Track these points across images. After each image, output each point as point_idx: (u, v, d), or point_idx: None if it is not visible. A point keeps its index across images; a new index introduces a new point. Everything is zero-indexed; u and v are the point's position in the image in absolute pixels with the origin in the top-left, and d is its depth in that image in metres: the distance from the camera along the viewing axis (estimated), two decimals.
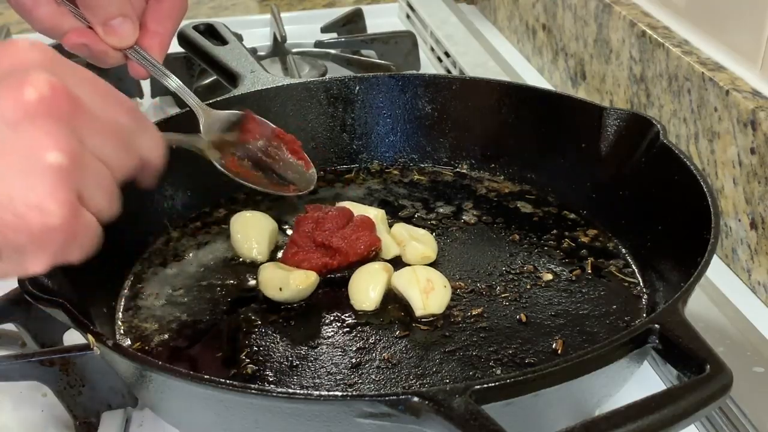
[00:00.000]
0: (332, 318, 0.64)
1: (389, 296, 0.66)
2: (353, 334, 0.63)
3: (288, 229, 0.74)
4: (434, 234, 0.73)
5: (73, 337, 0.65)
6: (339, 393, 0.55)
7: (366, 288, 0.66)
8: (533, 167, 0.80)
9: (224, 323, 0.65)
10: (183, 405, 0.54)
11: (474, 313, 0.64)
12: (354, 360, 0.60)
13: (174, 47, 0.88)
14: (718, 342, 0.64)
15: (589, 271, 0.69)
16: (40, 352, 0.60)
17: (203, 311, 0.66)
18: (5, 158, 0.41)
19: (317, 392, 0.52)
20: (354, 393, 0.56)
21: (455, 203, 0.79)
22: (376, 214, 0.72)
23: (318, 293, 0.67)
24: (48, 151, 0.41)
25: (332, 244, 0.67)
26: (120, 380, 0.58)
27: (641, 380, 0.64)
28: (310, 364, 0.60)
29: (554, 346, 0.60)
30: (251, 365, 0.60)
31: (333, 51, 1.16)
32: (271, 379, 0.59)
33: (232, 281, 0.69)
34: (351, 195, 0.80)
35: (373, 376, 0.58)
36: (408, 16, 1.35)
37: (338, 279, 0.68)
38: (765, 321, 0.69)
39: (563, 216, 0.76)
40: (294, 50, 1.17)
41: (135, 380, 0.53)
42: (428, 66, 1.21)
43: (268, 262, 0.69)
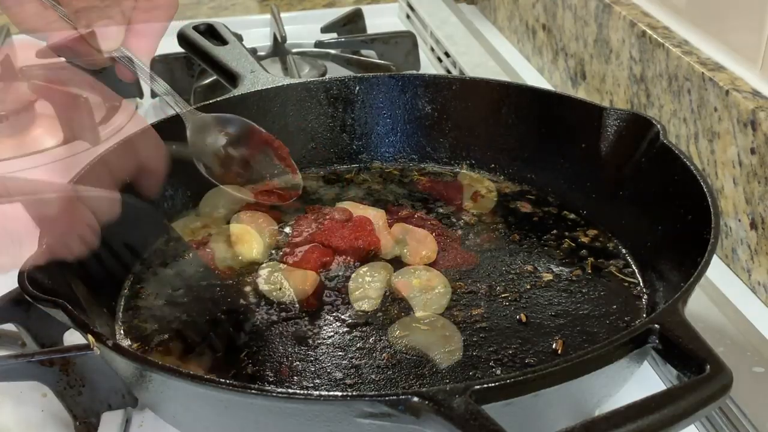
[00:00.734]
0: (332, 318, 0.64)
1: (389, 296, 0.66)
2: (353, 334, 0.63)
3: (288, 229, 0.74)
4: (434, 234, 0.73)
5: (73, 337, 0.65)
6: (339, 393, 0.55)
7: (366, 288, 0.66)
8: (533, 167, 0.80)
9: (224, 323, 0.65)
10: (183, 405, 0.54)
11: (474, 313, 0.64)
12: (354, 360, 0.60)
13: (174, 47, 0.88)
14: (718, 342, 0.64)
15: (589, 272, 0.69)
16: (40, 352, 0.60)
17: (203, 311, 0.66)
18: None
19: (317, 392, 0.52)
20: (354, 393, 0.56)
21: (455, 203, 0.79)
22: (376, 214, 0.72)
23: (318, 293, 0.67)
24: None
25: (332, 244, 0.67)
26: (120, 380, 0.59)
27: (641, 380, 0.64)
28: (310, 364, 0.60)
29: (554, 346, 0.60)
30: (251, 365, 0.60)
31: (333, 51, 1.16)
32: (271, 379, 0.58)
33: (232, 281, 0.69)
34: (351, 195, 0.80)
35: (373, 376, 0.58)
36: (408, 16, 1.35)
37: (338, 279, 0.68)
38: (765, 321, 0.69)
39: (563, 216, 0.76)
40: (294, 50, 1.17)
41: (135, 380, 0.53)
42: (428, 66, 1.21)
43: (268, 262, 0.70)
